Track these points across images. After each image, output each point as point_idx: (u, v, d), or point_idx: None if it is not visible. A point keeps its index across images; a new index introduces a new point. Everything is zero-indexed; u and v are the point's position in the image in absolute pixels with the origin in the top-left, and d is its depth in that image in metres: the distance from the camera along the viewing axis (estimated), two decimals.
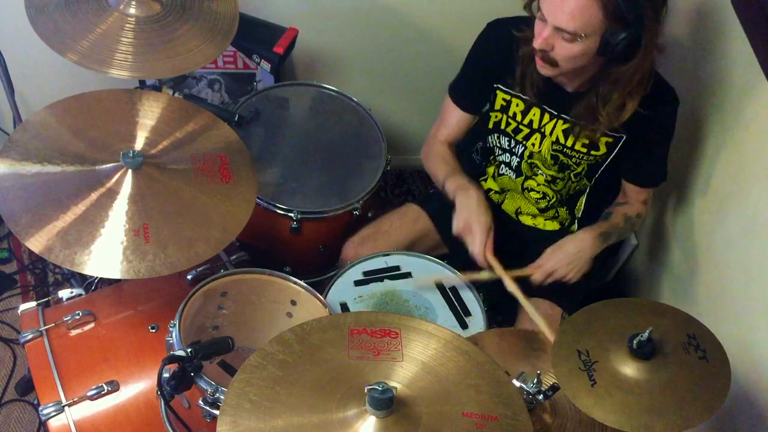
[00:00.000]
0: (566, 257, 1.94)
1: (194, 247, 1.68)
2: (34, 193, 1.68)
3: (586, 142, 1.94)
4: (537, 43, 1.73)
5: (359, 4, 2.48)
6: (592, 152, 1.96)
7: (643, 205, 2.06)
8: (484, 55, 1.99)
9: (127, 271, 1.62)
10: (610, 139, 1.92)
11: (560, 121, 1.95)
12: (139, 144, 1.81)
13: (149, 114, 1.87)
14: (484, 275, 1.94)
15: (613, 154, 1.96)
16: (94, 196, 1.69)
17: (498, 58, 1.93)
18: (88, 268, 1.61)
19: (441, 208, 2.20)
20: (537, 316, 1.84)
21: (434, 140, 2.15)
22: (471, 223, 1.93)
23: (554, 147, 1.98)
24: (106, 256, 1.62)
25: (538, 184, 2.09)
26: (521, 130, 2.01)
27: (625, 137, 1.91)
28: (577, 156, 1.98)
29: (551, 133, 1.97)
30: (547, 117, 1.96)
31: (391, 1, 2.48)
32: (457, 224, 1.95)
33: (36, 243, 1.61)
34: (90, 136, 1.80)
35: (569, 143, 1.96)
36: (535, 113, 1.96)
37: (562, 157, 2.00)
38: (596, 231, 1.98)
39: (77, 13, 1.86)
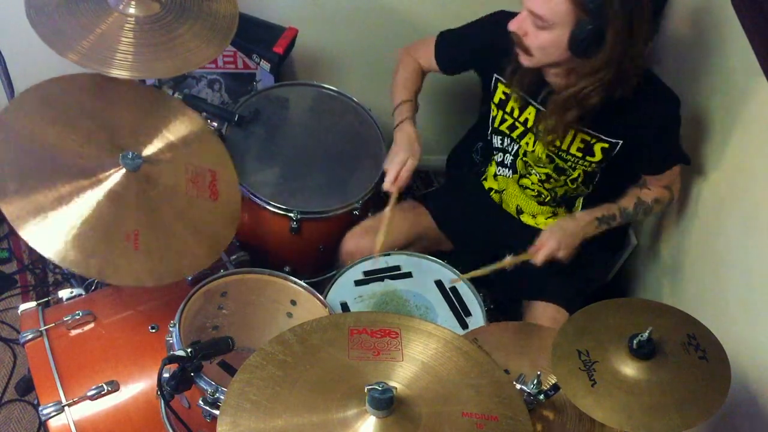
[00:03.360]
0: (564, 236, 1.92)
1: (181, 261, 1.68)
2: (26, 157, 1.66)
3: (582, 146, 1.93)
4: (511, 25, 1.76)
5: (359, 4, 2.48)
6: (588, 158, 1.95)
7: (664, 190, 2.02)
8: (485, 36, 2.00)
9: (109, 274, 1.63)
10: (606, 145, 1.91)
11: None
12: (148, 150, 1.81)
13: (173, 127, 1.88)
14: (481, 271, 1.97)
15: (609, 161, 1.95)
16: (83, 183, 1.68)
17: (499, 47, 1.91)
18: (55, 254, 1.60)
19: (442, 206, 2.21)
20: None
21: (411, 53, 2.20)
22: (388, 161, 2.02)
23: (550, 148, 1.98)
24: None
25: (533, 183, 2.09)
26: (517, 127, 2.01)
27: (621, 143, 1.90)
28: (572, 160, 1.97)
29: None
30: (541, 115, 1.95)
31: (391, 1, 2.48)
32: (384, 163, 2.05)
33: (10, 209, 1.60)
34: (102, 121, 1.79)
35: (564, 146, 1.95)
36: (530, 112, 1.96)
37: (558, 160, 1.99)
38: (596, 214, 1.97)
39: (77, 13, 1.86)
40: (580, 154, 1.95)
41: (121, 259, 1.62)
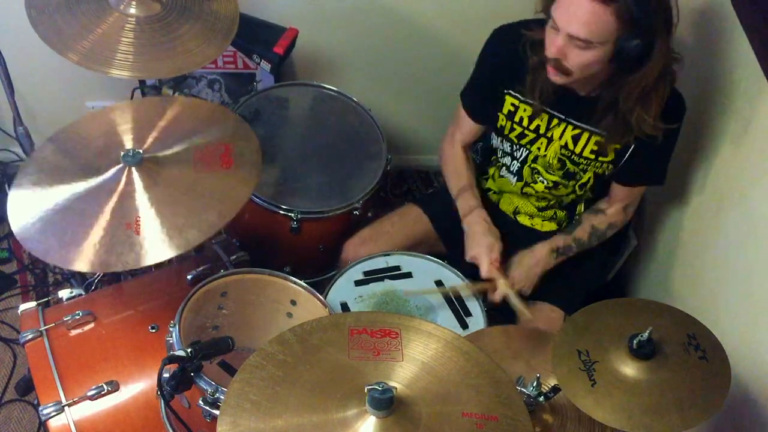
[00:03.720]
0: (524, 272, 1.98)
1: (187, 231, 1.67)
2: (55, 220, 1.68)
3: (595, 147, 1.93)
4: (550, 53, 1.71)
5: (359, 4, 2.48)
6: (600, 158, 1.95)
7: (621, 213, 2.05)
8: (493, 64, 1.98)
9: (148, 257, 1.63)
10: (619, 146, 1.91)
11: (570, 126, 1.94)
12: (128, 145, 1.80)
13: (124, 120, 1.87)
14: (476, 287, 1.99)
15: (621, 163, 1.95)
16: (111, 203, 1.69)
17: (506, 65, 1.91)
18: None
19: (440, 210, 2.20)
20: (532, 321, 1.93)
21: (450, 143, 2.16)
22: (476, 250, 2.00)
23: (562, 152, 1.98)
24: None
25: (538, 191, 2.09)
26: (526, 135, 2.00)
27: (633, 146, 1.90)
28: (584, 162, 1.97)
29: (560, 137, 1.96)
30: (555, 122, 1.95)
31: (391, 1, 2.48)
32: (467, 254, 2.03)
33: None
34: (86, 156, 1.80)
35: (578, 149, 1.95)
36: (542, 118, 1.95)
37: (569, 164, 1.99)
38: (552, 245, 2.01)
39: (77, 13, 1.86)
40: (593, 156, 1.95)
41: (121, 246, 1.62)
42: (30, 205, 1.71)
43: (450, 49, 2.58)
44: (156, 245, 1.63)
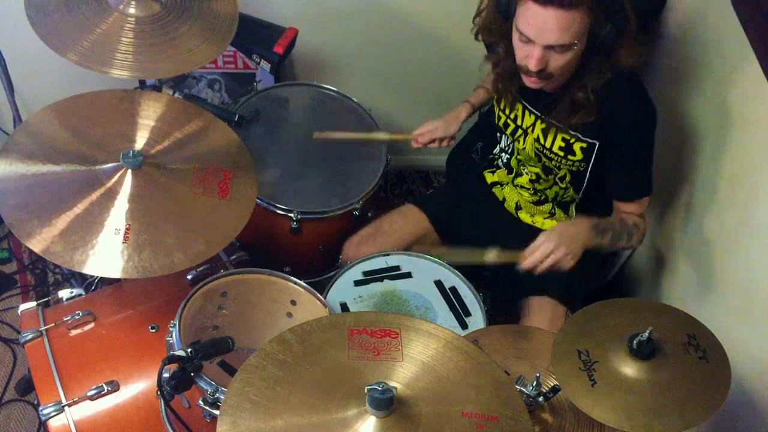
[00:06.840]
0: (563, 239, 1.79)
1: (172, 255, 1.66)
2: (34, 193, 1.67)
3: (563, 144, 1.94)
4: (533, 66, 1.72)
5: (359, 4, 2.48)
6: (569, 156, 1.95)
7: (639, 219, 2.01)
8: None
9: (128, 269, 1.62)
10: (584, 144, 1.91)
11: (539, 121, 1.96)
12: (139, 144, 1.80)
13: (150, 114, 1.87)
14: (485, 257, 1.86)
15: (591, 162, 1.94)
16: (94, 195, 1.68)
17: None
18: (87, 267, 1.61)
19: (440, 210, 2.21)
20: None
21: None
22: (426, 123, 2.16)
23: (536, 146, 2.00)
24: (105, 255, 1.62)
25: (526, 182, 2.11)
26: (509, 125, 2.03)
27: (598, 144, 1.90)
28: (556, 158, 1.98)
29: (532, 131, 1.98)
30: (527, 114, 1.97)
31: (391, 1, 2.48)
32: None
33: (37, 243, 1.61)
34: (90, 137, 1.80)
35: (548, 144, 1.96)
36: (518, 108, 1.98)
37: (544, 158, 2.01)
38: (593, 221, 1.89)
39: (77, 13, 1.87)
40: (562, 153, 1.95)
41: (106, 250, 1.62)
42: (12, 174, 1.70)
43: (450, 50, 2.59)
44: (141, 260, 1.63)
